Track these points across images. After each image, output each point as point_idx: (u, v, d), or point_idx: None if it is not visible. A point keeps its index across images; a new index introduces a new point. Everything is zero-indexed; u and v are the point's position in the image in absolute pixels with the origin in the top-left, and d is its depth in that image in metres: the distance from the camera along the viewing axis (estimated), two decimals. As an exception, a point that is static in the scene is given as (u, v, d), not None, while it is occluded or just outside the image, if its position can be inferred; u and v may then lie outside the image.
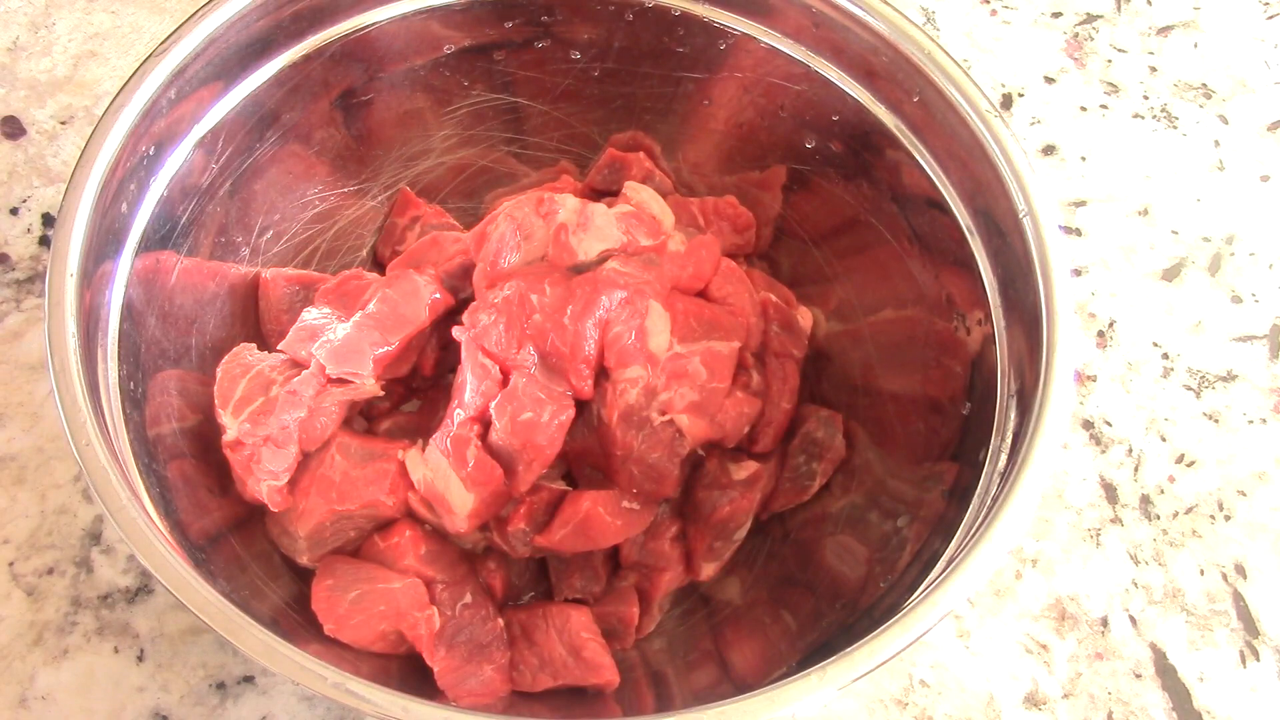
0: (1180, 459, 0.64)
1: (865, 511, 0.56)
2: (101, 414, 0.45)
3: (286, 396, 0.51)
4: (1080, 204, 0.73)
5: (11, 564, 0.56)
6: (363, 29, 0.57)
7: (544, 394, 0.52)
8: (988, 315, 0.52)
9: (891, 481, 0.56)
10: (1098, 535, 0.62)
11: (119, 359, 0.48)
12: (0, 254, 0.65)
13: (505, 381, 0.52)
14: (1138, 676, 0.58)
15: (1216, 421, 0.66)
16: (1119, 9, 0.81)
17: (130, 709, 0.53)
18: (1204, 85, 0.78)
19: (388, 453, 0.53)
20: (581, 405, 0.53)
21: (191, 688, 0.53)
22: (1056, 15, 0.81)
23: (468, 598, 0.52)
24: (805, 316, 0.62)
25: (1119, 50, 0.79)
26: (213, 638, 0.54)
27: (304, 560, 0.52)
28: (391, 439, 0.55)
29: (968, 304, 0.53)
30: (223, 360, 0.53)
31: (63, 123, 0.70)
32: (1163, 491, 0.63)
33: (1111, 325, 0.69)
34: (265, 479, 0.50)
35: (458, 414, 0.52)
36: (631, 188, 0.61)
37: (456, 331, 0.54)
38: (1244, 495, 0.63)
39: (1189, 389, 0.67)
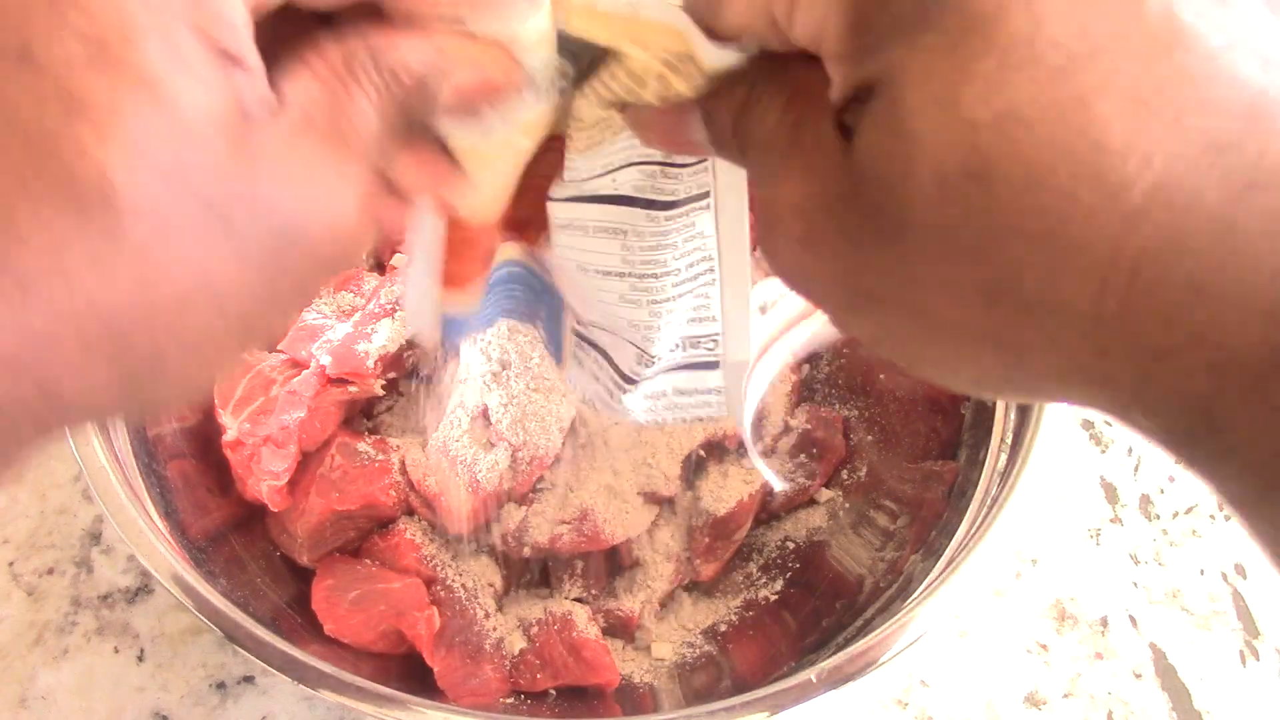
0: (1180, 459, 0.64)
1: (865, 511, 0.56)
2: (101, 414, 0.45)
3: (286, 396, 0.51)
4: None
5: (11, 564, 0.56)
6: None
7: (544, 393, 0.52)
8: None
9: (891, 481, 0.56)
10: (1098, 535, 0.62)
11: (119, 359, 0.48)
12: None
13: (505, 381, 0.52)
14: (1138, 676, 0.58)
15: (1216, 421, 0.66)
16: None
17: (130, 709, 0.53)
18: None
19: (388, 453, 0.53)
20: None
21: (191, 688, 0.53)
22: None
23: (468, 598, 0.52)
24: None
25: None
26: (213, 638, 0.54)
27: (304, 560, 0.52)
28: (391, 439, 0.55)
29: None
30: (223, 360, 0.53)
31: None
32: (1163, 491, 0.63)
33: (1111, 325, 0.69)
34: (265, 479, 0.50)
35: (458, 413, 0.52)
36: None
37: (456, 331, 0.54)
38: (1244, 495, 0.63)
39: (1189, 389, 0.67)
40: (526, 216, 0.35)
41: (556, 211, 0.32)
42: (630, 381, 0.35)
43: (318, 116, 0.22)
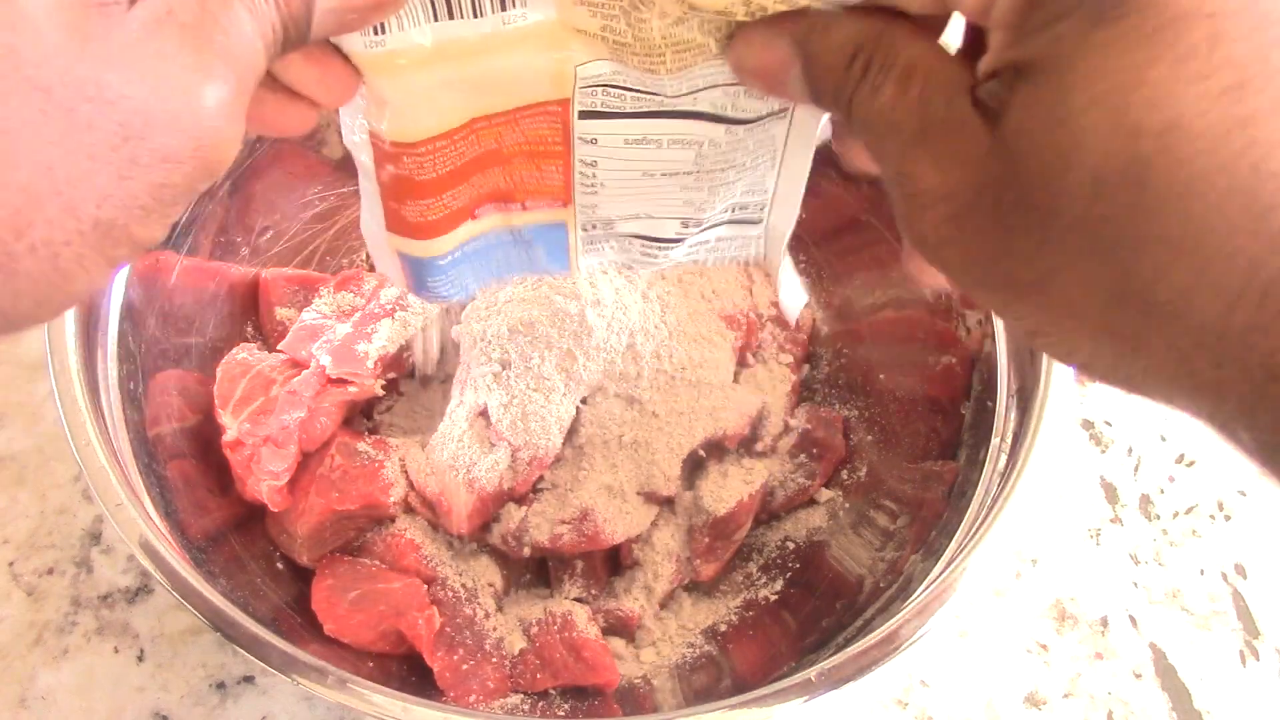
0: (1180, 459, 0.64)
1: (865, 511, 0.56)
2: (101, 414, 0.45)
3: (286, 396, 0.51)
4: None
5: (11, 564, 0.56)
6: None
7: (544, 393, 0.52)
8: (988, 315, 0.52)
9: (891, 481, 0.56)
10: (1098, 535, 0.62)
11: (119, 359, 0.48)
12: None
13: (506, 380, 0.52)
14: (1138, 676, 0.58)
15: (1216, 421, 0.66)
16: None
17: (130, 709, 0.53)
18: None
19: (388, 453, 0.53)
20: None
21: (191, 688, 0.53)
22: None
23: (468, 598, 0.52)
24: (805, 316, 0.62)
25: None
26: (213, 638, 0.54)
27: (304, 560, 0.52)
28: (391, 439, 0.55)
29: (968, 304, 0.53)
30: (223, 360, 0.53)
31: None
32: (1163, 491, 0.63)
33: (1111, 325, 0.68)
34: (265, 479, 0.50)
35: (458, 413, 0.52)
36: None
37: (455, 331, 0.54)
38: (1244, 495, 0.63)
39: (1189, 389, 0.67)
40: (510, 187, 0.35)
41: (627, 128, 0.32)
42: (675, 243, 0.36)
43: (181, 12, 0.21)
